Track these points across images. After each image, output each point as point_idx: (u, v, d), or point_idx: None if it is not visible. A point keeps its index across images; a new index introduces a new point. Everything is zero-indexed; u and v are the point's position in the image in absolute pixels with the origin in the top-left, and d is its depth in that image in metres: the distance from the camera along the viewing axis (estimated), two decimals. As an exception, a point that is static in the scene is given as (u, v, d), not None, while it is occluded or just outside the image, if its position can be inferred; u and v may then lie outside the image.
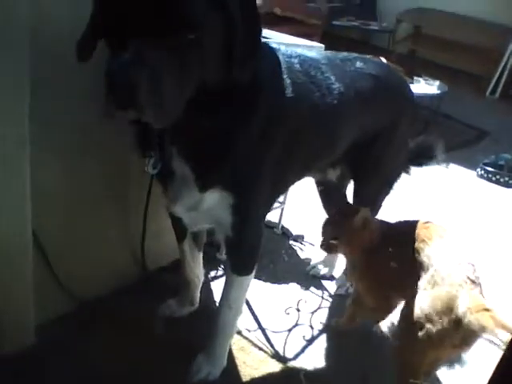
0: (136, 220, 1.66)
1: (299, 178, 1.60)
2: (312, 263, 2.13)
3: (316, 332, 1.78)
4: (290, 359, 1.64)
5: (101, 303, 1.68)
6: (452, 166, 3.31)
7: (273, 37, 1.45)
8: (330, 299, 1.97)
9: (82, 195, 1.57)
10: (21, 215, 1.37)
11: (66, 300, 1.61)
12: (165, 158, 1.22)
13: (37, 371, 1.44)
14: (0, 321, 1.44)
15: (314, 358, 1.66)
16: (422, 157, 1.94)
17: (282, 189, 1.49)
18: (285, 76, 1.29)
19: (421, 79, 3.99)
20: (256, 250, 1.36)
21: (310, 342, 1.73)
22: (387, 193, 1.89)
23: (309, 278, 2.06)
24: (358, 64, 1.58)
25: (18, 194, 1.35)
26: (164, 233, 1.78)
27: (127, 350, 1.55)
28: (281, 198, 2.36)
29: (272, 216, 2.37)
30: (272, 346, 1.67)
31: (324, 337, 1.77)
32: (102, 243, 1.71)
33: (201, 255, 1.70)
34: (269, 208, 1.45)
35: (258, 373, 1.55)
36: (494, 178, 3.34)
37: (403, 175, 1.95)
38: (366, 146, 1.65)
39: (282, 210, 2.34)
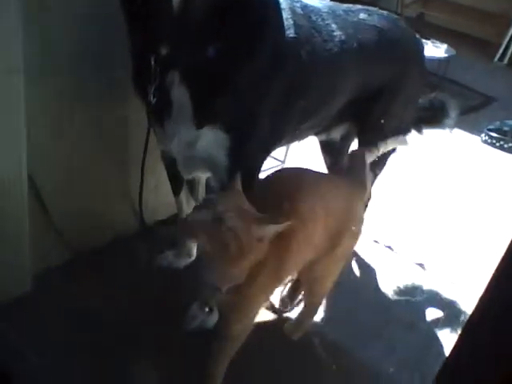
0: (134, 173, 1.64)
1: (299, 132, 1.58)
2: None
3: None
4: (285, 311, 1.66)
5: (98, 254, 1.69)
6: (456, 130, 3.26)
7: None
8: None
9: (80, 146, 1.56)
10: (16, 158, 1.36)
11: (62, 250, 1.62)
12: (166, 85, 1.20)
13: (32, 320, 1.45)
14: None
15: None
16: (435, 115, 1.90)
17: (281, 138, 1.47)
18: (288, 16, 1.28)
19: (428, 42, 3.90)
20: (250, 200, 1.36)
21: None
22: (391, 152, 1.86)
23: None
24: (362, 15, 1.54)
25: (14, 136, 1.33)
26: (162, 186, 1.78)
27: (124, 301, 1.57)
28: (281, 157, 2.34)
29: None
30: (267, 298, 1.68)
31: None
32: (100, 195, 1.71)
33: (198, 207, 1.70)
34: (265, 157, 1.44)
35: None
36: (498, 144, 3.30)
37: (414, 136, 1.92)
38: (371, 99, 1.62)
39: (282, 168, 2.33)
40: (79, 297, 1.53)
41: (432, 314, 1.81)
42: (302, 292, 1.63)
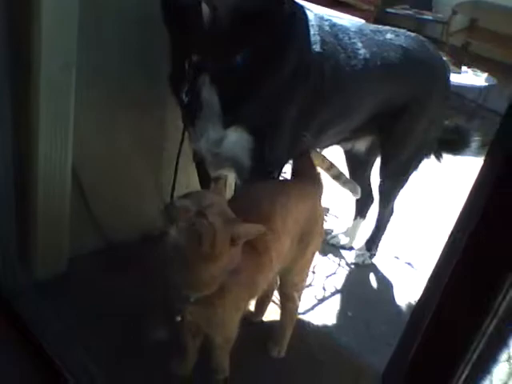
0: (168, 172, 1.75)
1: (320, 141, 1.65)
2: (333, 233, 2.19)
3: (328, 294, 1.85)
4: (300, 313, 1.70)
5: (129, 247, 1.79)
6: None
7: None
8: (346, 267, 2.04)
9: (119, 144, 1.69)
10: (64, 152, 1.50)
11: (97, 239, 1.74)
12: (197, 87, 1.32)
13: (65, 299, 1.57)
14: (38, 248, 1.59)
15: (322, 316, 1.74)
16: (455, 141, 1.94)
17: (301, 145, 1.56)
18: (316, 32, 1.38)
19: (469, 70, 3.92)
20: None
21: (321, 301, 1.81)
22: (413, 169, 1.90)
23: (328, 246, 2.12)
24: (389, 35, 1.62)
25: (63, 131, 1.47)
26: (193, 187, 1.88)
27: (149, 294, 1.65)
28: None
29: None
30: (284, 300, 1.75)
31: (334, 299, 1.84)
32: (135, 192, 1.82)
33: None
34: (286, 161, 1.53)
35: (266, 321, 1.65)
36: (533, 175, 3.26)
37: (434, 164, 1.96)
38: (394, 117, 1.69)
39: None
40: (109, 284, 1.63)
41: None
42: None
